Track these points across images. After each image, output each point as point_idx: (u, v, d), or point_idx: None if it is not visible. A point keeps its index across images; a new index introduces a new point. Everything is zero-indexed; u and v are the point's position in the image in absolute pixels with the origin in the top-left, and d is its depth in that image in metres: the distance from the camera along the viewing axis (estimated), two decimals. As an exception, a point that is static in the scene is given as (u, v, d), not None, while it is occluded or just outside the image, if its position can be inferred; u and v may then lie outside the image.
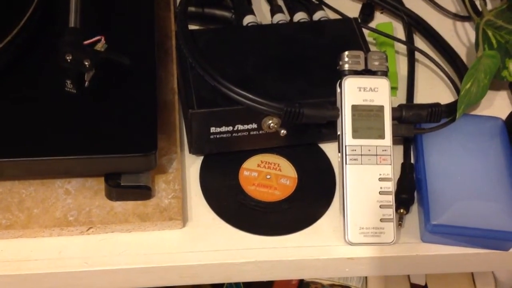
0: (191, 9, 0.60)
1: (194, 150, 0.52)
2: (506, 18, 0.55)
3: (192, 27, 0.60)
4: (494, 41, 0.55)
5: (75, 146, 0.45)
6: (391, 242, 0.47)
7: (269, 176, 0.51)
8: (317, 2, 0.62)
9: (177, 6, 0.61)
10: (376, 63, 0.50)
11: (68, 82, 0.44)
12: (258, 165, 0.52)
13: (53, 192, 0.48)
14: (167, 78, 0.55)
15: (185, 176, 0.51)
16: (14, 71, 0.48)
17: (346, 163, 0.48)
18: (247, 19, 0.58)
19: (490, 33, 0.55)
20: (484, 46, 0.55)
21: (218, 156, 0.52)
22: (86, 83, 0.45)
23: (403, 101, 0.58)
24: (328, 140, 0.54)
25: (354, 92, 0.49)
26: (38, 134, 0.45)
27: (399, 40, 0.60)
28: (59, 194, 0.48)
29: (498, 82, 0.58)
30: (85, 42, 0.44)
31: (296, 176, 0.52)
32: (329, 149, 0.54)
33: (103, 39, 0.45)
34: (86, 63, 0.42)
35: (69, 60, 0.42)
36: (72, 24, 0.45)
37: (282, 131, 0.50)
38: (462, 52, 0.62)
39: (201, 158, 0.52)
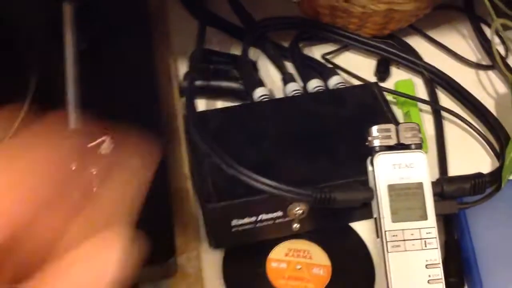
0: (197, 82, 0.55)
1: (214, 245, 0.47)
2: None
3: (198, 100, 0.56)
4: (530, 96, 0.51)
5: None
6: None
7: (299, 266, 0.46)
8: (331, 66, 0.58)
9: (181, 81, 0.57)
10: (409, 135, 0.45)
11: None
12: (286, 254, 0.47)
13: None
14: (177, 163, 0.50)
15: (206, 276, 0.46)
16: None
17: (387, 251, 0.42)
18: (258, 92, 0.53)
19: (525, 88, 0.51)
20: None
21: (241, 247, 0.47)
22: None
23: (435, 167, 0.53)
24: (360, 219, 0.49)
25: (389, 170, 0.44)
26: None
27: (423, 101, 0.56)
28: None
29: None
30: (89, 145, 0.38)
31: (330, 263, 0.46)
32: (361, 227, 0.49)
33: (108, 140, 0.39)
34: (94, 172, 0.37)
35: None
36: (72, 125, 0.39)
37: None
38: (490, 104, 0.57)
39: (222, 249, 0.47)
